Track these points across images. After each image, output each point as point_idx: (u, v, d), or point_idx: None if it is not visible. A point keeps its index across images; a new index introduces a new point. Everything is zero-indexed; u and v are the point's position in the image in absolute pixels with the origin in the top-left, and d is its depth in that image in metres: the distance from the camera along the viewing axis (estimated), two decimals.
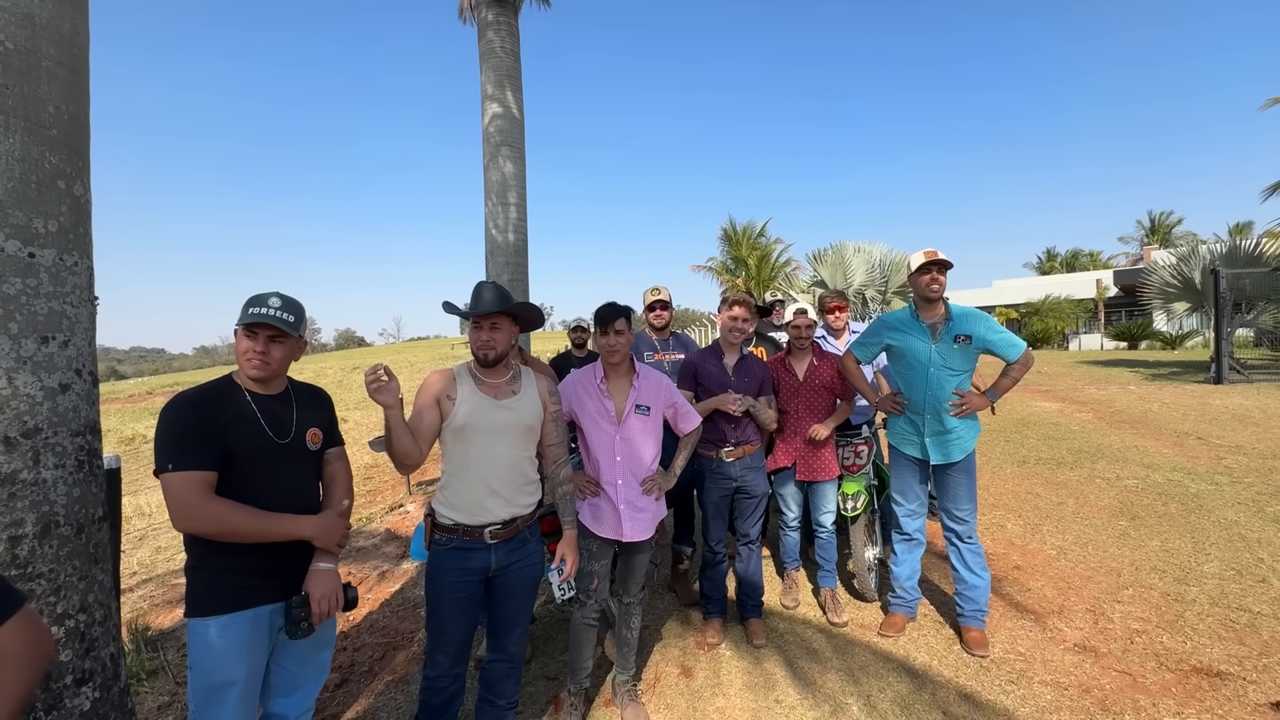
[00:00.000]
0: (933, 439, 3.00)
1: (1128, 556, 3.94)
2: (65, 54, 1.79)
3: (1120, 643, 2.98)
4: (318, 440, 1.94)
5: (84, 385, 1.81)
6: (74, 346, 1.78)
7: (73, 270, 1.78)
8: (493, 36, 7.23)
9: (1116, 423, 8.17)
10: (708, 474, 3.13)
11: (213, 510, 1.62)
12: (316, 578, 1.83)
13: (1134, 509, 4.80)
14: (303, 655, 1.92)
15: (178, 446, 1.63)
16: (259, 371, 1.78)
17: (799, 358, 3.42)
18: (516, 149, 7.29)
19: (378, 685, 3.04)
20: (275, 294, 1.81)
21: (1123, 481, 5.53)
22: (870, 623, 3.29)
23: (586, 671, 2.64)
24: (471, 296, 2.14)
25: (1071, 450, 6.75)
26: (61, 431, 1.72)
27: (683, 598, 3.68)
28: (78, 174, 1.82)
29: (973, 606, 3.01)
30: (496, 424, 2.12)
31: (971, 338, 2.91)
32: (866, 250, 17.44)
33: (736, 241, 23.54)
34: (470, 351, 2.19)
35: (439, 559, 2.11)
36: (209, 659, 1.69)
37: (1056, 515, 4.79)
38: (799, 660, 2.99)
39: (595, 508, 2.55)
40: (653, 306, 3.86)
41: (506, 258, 7.21)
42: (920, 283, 2.95)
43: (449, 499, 2.11)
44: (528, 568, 2.22)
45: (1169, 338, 22.66)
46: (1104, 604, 3.35)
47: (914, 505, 3.17)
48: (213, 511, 1.62)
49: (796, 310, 3.37)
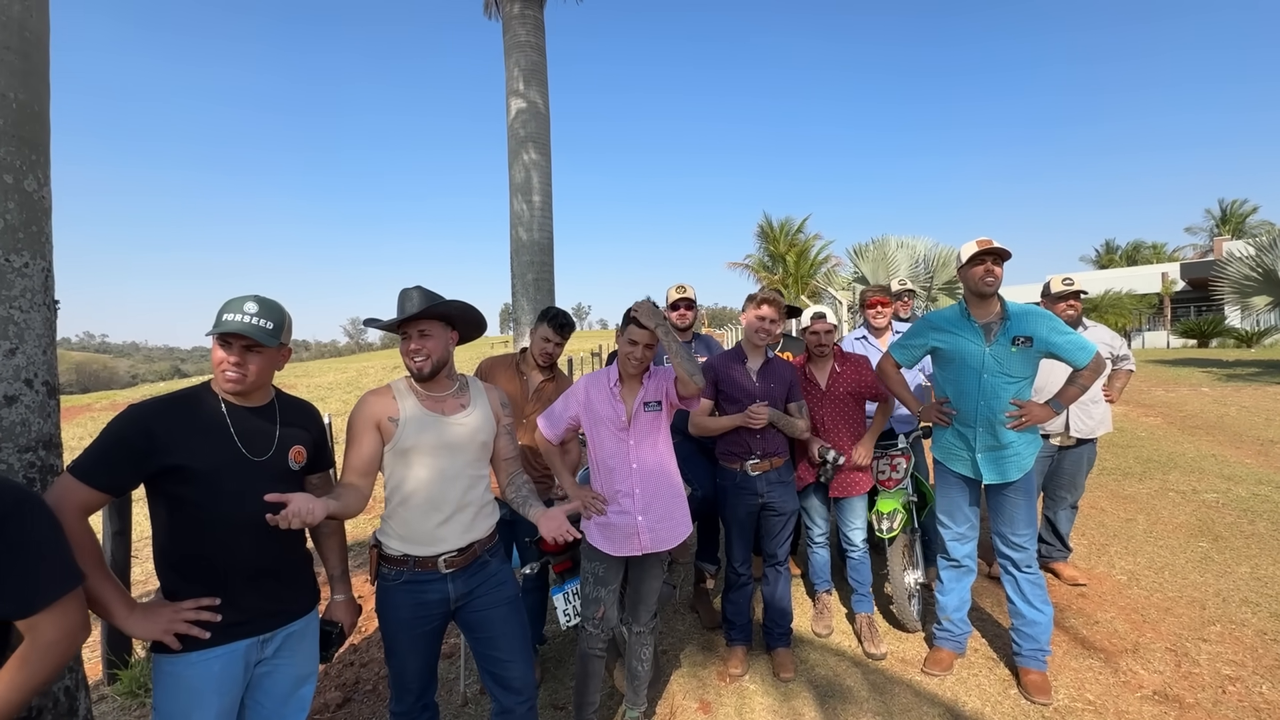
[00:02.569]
0: (985, 454, 2.64)
1: (1212, 585, 3.48)
2: (14, 38, 1.65)
3: (1210, 692, 2.57)
4: (301, 459, 1.76)
5: (35, 396, 1.67)
6: (23, 354, 1.64)
7: (22, 272, 1.64)
8: (518, 30, 7.09)
9: (1189, 428, 7.49)
10: (731, 489, 2.85)
11: (65, 527, 1.38)
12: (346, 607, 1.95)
13: (1215, 528, 4.29)
14: (281, 692, 1.75)
15: (95, 453, 1.50)
16: (234, 385, 1.62)
17: (819, 365, 3.12)
18: (542, 145, 7.13)
19: (381, 705, 2.88)
20: (252, 298, 1.63)
21: (1200, 495, 4.99)
22: (912, 656, 2.96)
23: (593, 708, 2.41)
24: (397, 305, 1.93)
25: (1140, 459, 6.18)
26: (7, 447, 1.59)
27: (705, 620, 3.42)
28: (30, 168, 1.68)
29: (1032, 645, 2.65)
30: (447, 441, 1.92)
31: (1033, 339, 2.55)
32: (910, 245, 16.72)
33: (774, 238, 23.01)
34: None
35: (391, 595, 1.92)
36: (176, 699, 1.55)
37: (1125, 534, 4.32)
38: (831, 699, 2.69)
39: (605, 525, 2.32)
40: (676, 305, 3.58)
41: (531, 256, 7.06)
42: (973, 275, 2.61)
43: (396, 529, 1.91)
44: (497, 589, 2.01)
45: (1244, 335, 21.08)
46: (1186, 642, 2.94)
47: (963, 529, 2.82)
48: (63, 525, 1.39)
49: (814, 315, 3.06)
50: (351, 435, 1.90)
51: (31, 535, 1.20)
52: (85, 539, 1.48)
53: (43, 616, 1.20)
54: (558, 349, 2.98)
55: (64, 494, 1.46)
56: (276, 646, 1.72)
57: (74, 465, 1.49)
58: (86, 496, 1.48)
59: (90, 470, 1.48)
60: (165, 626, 1.52)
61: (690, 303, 3.61)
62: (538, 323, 2.97)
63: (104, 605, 1.49)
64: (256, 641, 1.67)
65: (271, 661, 1.72)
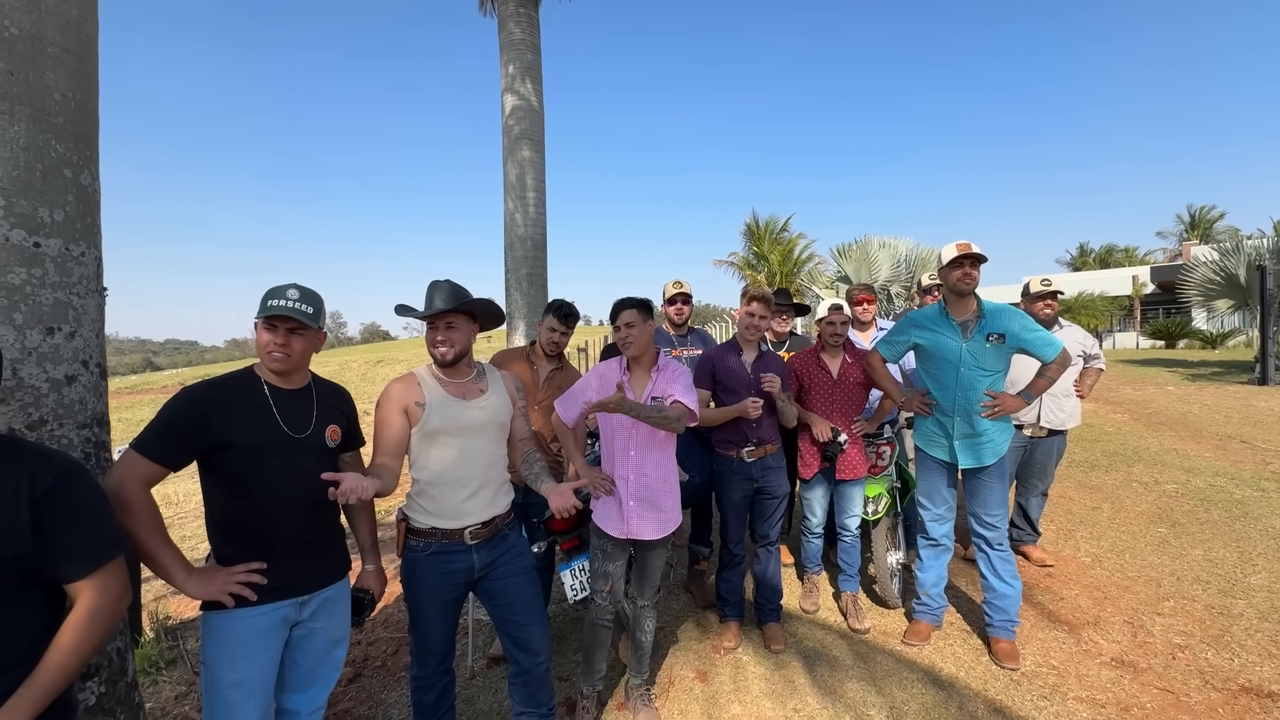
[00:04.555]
0: (962, 442, 2.86)
1: (1168, 566, 3.75)
2: (72, 40, 1.76)
3: (1161, 658, 2.82)
4: (337, 437, 1.91)
5: (91, 377, 1.79)
6: (80, 338, 1.75)
7: (79, 260, 1.76)
8: (513, 28, 7.17)
9: (1154, 424, 7.86)
10: (728, 474, 3.04)
11: (130, 499, 1.57)
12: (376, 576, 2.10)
13: (1174, 515, 4.59)
14: (318, 652, 1.90)
15: (154, 430, 1.63)
16: (280, 365, 1.76)
17: (832, 355, 3.30)
18: (536, 142, 7.24)
19: (390, 680, 3.01)
20: (293, 285, 1.77)
21: (1161, 486, 5.30)
22: (893, 630, 3.17)
23: (600, 674, 2.58)
24: (425, 297, 2.08)
25: (1106, 453, 6.50)
26: (67, 424, 1.70)
27: (699, 599, 3.60)
28: (85, 163, 1.80)
29: (1002, 616, 2.88)
30: (469, 424, 2.08)
31: (1005, 336, 2.77)
32: (892, 245, 17.09)
33: (759, 237, 23.24)
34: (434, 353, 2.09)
35: (419, 565, 2.07)
36: (224, 653, 1.69)
37: (1091, 521, 4.59)
38: (819, 666, 2.89)
39: (608, 505, 2.48)
40: (673, 300, 3.74)
41: (525, 251, 7.16)
42: (952, 277, 2.82)
43: (424, 505, 2.06)
44: (515, 559, 2.18)
45: (1209, 336, 21.83)
46: (1143, 616, 3.19)
47: (941, 510, 3.04)
48: (128, 499, 1.57)
49: (831, 306, 3.24)
50: (380, 420, 2.04)
51: (83, 503, 1.32)
52: (149, 509, 1.61)
53: (92, 581, 1.31)
54: (564, 338, 3.14)
55: (129, 468, 1.59)
56: (313, 610, 1.86)
57: (136, 442, 1.62)
58: (148, 470, 1.61)
59: (151, 446, 1.62)
60: (219, 588, 1.66)
61: (687, 298, 3.77)
62: (544, 315, 3.12)
63: (165, 569, 1.63)
64: (295, 603, 1.81)
65: (308, 624, 1.86)
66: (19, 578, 1.24)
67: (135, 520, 1.57)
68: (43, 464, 1.27)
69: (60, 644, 1.26)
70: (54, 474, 1.27)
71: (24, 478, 1.23)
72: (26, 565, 1.23)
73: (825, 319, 3.24)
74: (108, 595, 1.33)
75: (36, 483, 1.24)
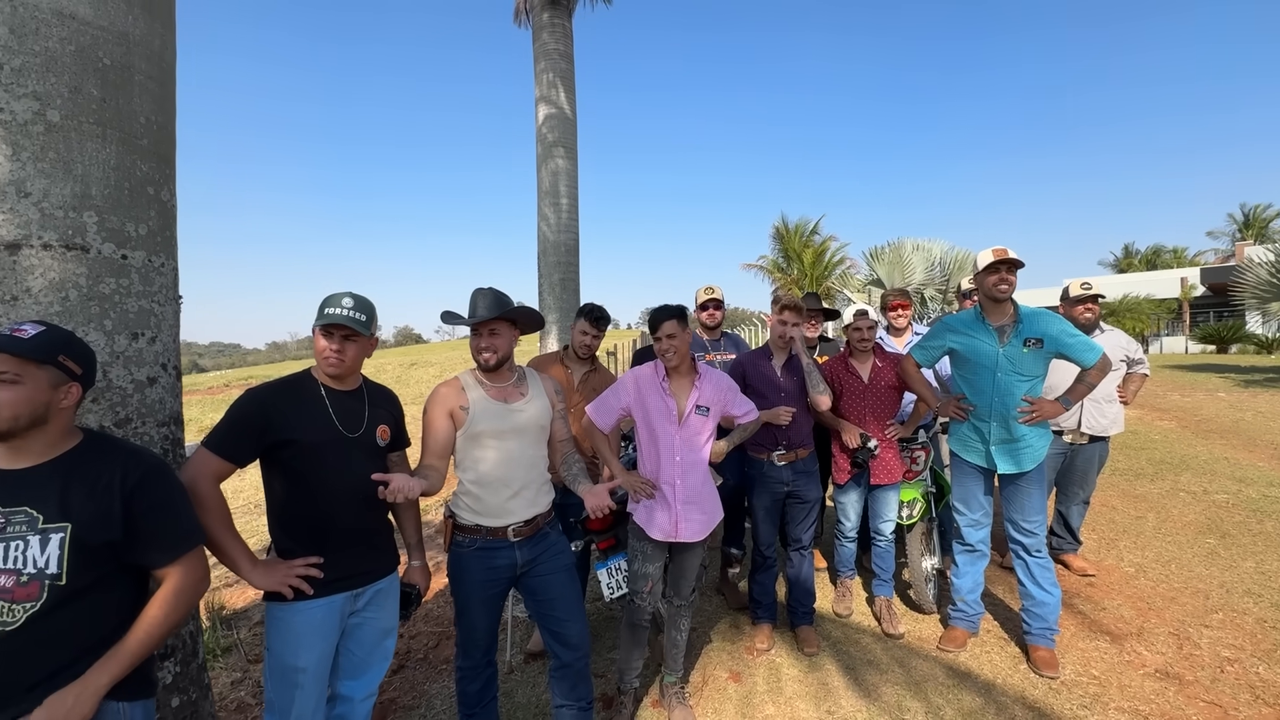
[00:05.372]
0: (999, 447, 2.84)
1: (1217, 578, 3.65)
2: (155, 68, 1.91)
3: (1209, 671, 2.75)
4: (386, 437, 2.03)
5: (169, 379, 1.93)
6: (160, 342, 1.89)
7: (160, 270, 1.90)
8: (547, 38, 7.33)
9: (1204, 432, 7.58)
10: (759, 478, 3.07)
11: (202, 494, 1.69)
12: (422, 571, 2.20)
13: (1224, 526, 4.44)
14: (370, 641, 2.01)
15: (223, 430, 1.76)
16: (335, 369, 1.88)
17: (861, 360, 3.31)
18: (569, 149, 7.37)
19: (432, 672, 3.13)
20: (348, 294, 1.89)
21: (1211, 496, 5.13)
22: (928, 636, 3.16)
23: (636, 672, 2.64)
24: (469, 304, 2.18)
25: (1152, 461, 6.31)
26: (149, 421, 1.84)
27: (731, 601, 3.64)
28: (165, 180, 1.94)
29: (1040, 624, 2.84)
30: (513, 426, 2.17)
31: (1043, 340, 2.75)
32: (926, 248, 16.79)
33: (789, 238, 23.06)
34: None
35: (465, 560, 2.16)
36: (287, 641, 1.81)
37: (1135, 530, 4.48)
38: (854, 669, 2.90)
39: (649, 508, 2.53)
40: (706, 305, 3.80)
41: (558, 257, 7.30)
42: (988, 283, 2.81)
43: (469, 504, 2.15)
44: (555, 556, 2.26)
45: (1264, 341, 20.86)
46: (1189, 628, 3.11)
47: (977, 515, 3.02)
48: (201, 494, 1.68)
49: (857, 312, 3.26)
50: (427, 423, 2.15)
51: (167, 497, 1.45)
52: (218, 503, 1.74)
53: (177, 566, 1.45)
54: (596, 341, 3.22)
55: (201, 465, 1.72)
56: (366, 601, 1.97)
57: (207, 440, 1.76)
58: (218, 466, 1.74)
59: (220, 444, 1.75)
60: (281, 579, 1.77)
61: (719, 303, 3.83)
62: (576, 318, 3.21)
63: (232, 560, 1.75)
64: (350, 595, 1.92)
65: (362, 614, 1.97)
66: (112, 563, 1.38)
67: (207, 514, 1.69)
68: (132, 460, 1.41)
69: (147, 616, 1.40)
70: (142, 470, 1.41)
71: (116, 473, 1.37)
72: (118, 552, 1.37)
73: (852, 325, 3.26)
74: (191, 578, 1.47)
75: (128, 478, 1.38)
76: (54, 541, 1.28)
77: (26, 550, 1.26)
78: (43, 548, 1.27)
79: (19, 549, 1.26)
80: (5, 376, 1.28)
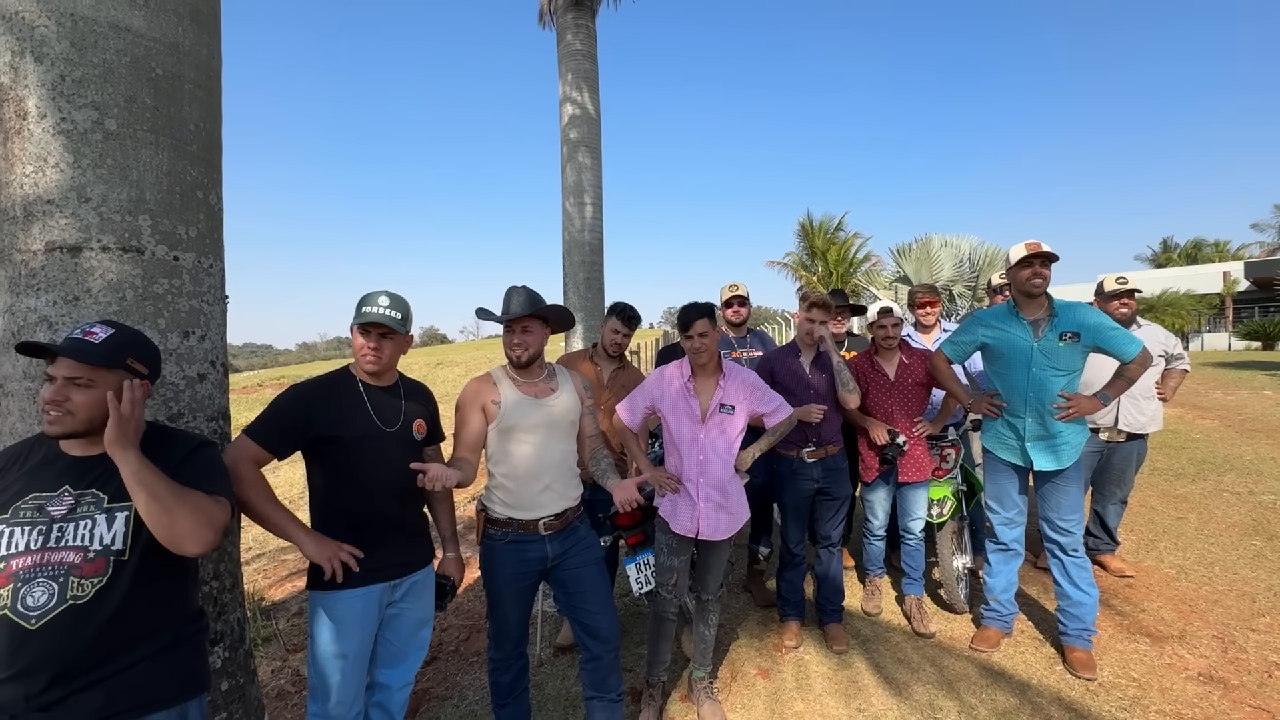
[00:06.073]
0: (1035, 443, 2.79)
1: (1264, 580, 3.53)
2: (203, 77, 1.98)
3: (1255, 675, 2.67)
4: (422, 431, 2.09)
5: (217, 375, 2.00)
6: (209, 340, 1.97)
7: (209, 271, 1.97)
8: (571, 39, 7.38)
9: (1248, 431, 7.32)
10: (788, 475, 3.07)
11: (243, 474, 1.76)
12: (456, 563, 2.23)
13: (1271, 528, 4.29)
14: (407, 631, 2.07)
15: (264, 420, 1.85)
16: (373, 366, 1.94)
17: (887, 357, 3.29)
18: (593, 149, 7.41)
19: (464, 664, 3.19)
20: (384, 293, 1.95)
21: (1256, 497, 4.96)
22: (960, 635, 3.12)
23: (664, 665, 2.66)
24: (503, 301, 2.22)
25: (1193, 460, 6.12)
26: (199, 416, 1.92)
27: (758, 598, 3.63)
28: (212, 185, 2.02)
29: (1077, 625, 2.79)
30: (543, 420, 2.20)
31: (1080, 333, 2.69)
32: (954, 244, 16.48)
33: (813, 235, 22.82)
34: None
35: (497, 553, 2.20)
36: (329, 630, 1.87)
37: (1175, 531, 4.35)
38: (884, 667, 2.88)
39: (674, 504, 2.55)
40: (730, 302, 3.81)
41: (583, 256, 7.34)
42: (1021, 277, 2.76)
43: (501, 497, 2.20)
44: (586, 550, 2.29)
45: None
46: (1234, 631, 3.02)
47: (1011, 514, 2.97)
48: (241, 474, 1.75)
49: (881, 310, 3.24)
50: (460, 417, 2.20)
51: (207, 460, 1.52)
52: (259, 479, 1.83)
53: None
54: (626, 339, 3.25)
55: (241, 449, 1.82)
56: (404, 591, 2.03)
57: (248, 428, 1.84)
58: (256, 452, 1.83)
59: (261, 433, 1.84)
60: (331, 554, 1.82)
61: (743, 300, 3.83)
62: (607, 317, 3.24)
63: (283, 528, 1.82)
64: (389, 585, 1.98)
65: (399, 604, 2.03)
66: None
67: (250, 489, 1.78)
68: (181, 443, 1.52)
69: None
70: (189, 448, 1.51)
71: (170, 456, 1.45)
72: None
73: (876, 323, 3.24)
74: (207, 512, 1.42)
75: (174, 456, 1.46)
76: (119, 519, 1.36)
77: (94, 529, 1.34)
78: (109, 525, 1.35)
79: (87, 527, 1.34)
80: (80, 381, 1.36)
